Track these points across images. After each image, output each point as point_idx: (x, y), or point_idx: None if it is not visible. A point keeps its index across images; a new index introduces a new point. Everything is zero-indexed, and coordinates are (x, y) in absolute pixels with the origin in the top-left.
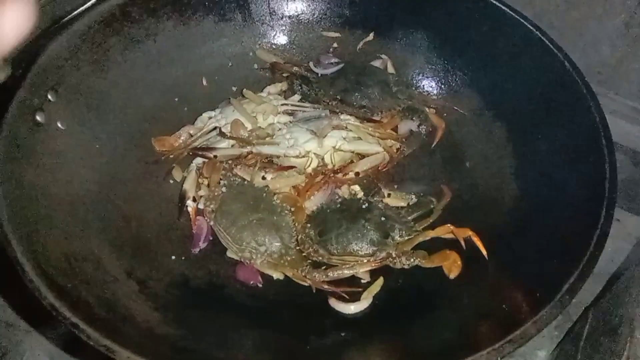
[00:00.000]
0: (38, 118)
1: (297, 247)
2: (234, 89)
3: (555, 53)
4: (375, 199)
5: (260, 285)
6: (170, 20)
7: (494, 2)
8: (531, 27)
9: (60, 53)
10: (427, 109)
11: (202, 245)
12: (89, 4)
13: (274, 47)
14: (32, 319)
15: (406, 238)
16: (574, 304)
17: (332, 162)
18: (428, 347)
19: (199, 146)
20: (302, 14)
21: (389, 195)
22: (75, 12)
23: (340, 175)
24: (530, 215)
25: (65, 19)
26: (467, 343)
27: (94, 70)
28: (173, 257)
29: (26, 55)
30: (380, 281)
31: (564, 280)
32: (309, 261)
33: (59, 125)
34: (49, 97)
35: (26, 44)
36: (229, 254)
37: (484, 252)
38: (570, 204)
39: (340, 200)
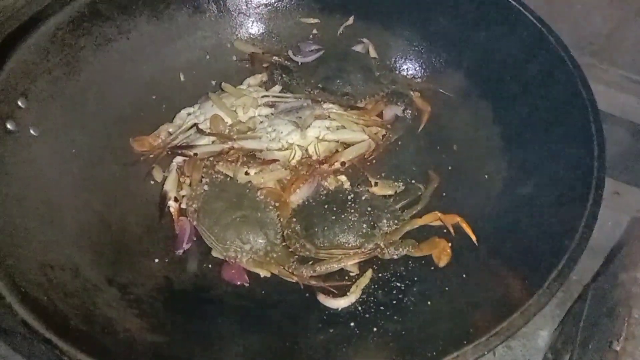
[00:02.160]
0: (8, 126)
1: (283, 243)
2: (213, 82)
3: (538, 27)
4: (361, 189)
5: (247, 285)
6: (142, 15)
7: None
8: (512, 2)
9: (28, 57)
10: (411, 93)
11: (186, 246)
12: None
13: (252, 37)
14: None
15: (394, 228)
16: (575, 281)
17: (316, 153)
18: (419, 340)
19: (178, 144)
20: (279, 1)
21: (375, 184)
22: (42, 13)
23: (325, 166)
24: (519, 199)
25: (32, 21)
26: (460, 334)
27: (66, 72)
28: (156, 260)
29: None
30: (369, 273)
31: (553, 266)
32: (296, 257)
33: (32, 131)
34: (19, 103)
35: None
36: (214, 253)
37: (474, 238)
38: (559, 186)
39: (325, 192)
